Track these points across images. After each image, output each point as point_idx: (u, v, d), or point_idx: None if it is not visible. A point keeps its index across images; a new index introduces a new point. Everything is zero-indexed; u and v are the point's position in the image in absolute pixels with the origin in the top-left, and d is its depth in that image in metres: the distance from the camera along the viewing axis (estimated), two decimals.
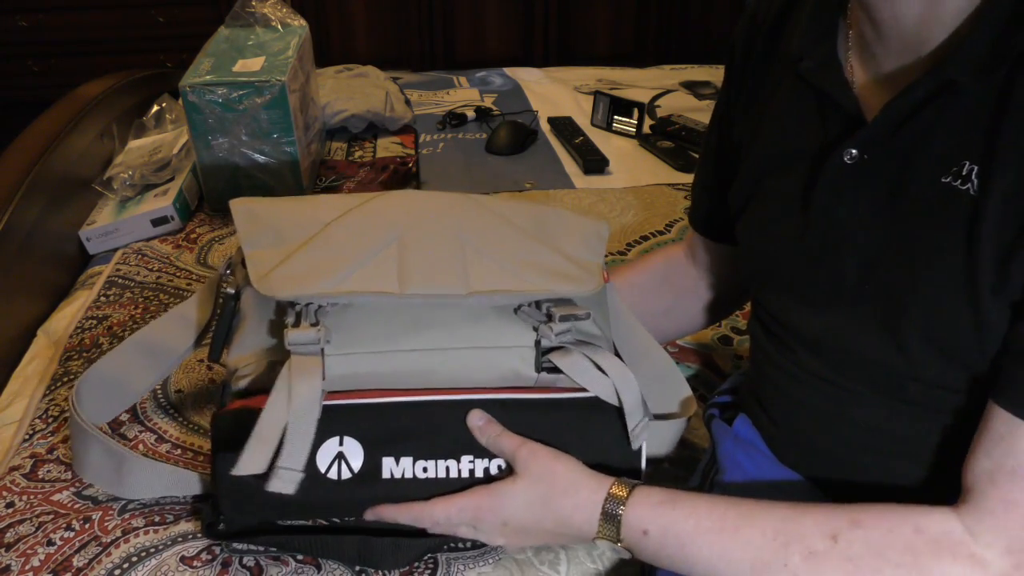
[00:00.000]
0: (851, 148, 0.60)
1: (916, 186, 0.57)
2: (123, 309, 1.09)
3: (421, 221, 0.75)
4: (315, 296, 0.68)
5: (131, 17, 3.05)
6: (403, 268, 0.70)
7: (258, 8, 1.48)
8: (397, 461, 0.67)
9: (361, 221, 0.75)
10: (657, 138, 1.66)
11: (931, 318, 0.56)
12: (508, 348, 0.71)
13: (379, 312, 0.70)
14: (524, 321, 0.72)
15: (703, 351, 1.03)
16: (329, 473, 0.66)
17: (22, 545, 0.74)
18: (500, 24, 3.31)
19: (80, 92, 1.52)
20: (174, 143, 1.43)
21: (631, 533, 0.62)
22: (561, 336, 0.70)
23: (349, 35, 3.25)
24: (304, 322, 0.67)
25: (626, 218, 1.37)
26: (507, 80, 2.04)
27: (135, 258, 1.22)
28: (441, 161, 1.61)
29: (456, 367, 0.70)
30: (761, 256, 0.72)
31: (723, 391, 0.85)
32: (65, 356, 1.00)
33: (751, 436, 0.75)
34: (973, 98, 0.54)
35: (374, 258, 0.71)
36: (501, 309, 0.72)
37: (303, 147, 1.37)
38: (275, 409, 0.65)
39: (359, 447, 0.67)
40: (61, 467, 0.83)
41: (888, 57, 0.60)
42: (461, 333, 0.71)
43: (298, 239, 0.72)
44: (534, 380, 0.71)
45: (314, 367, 0.66)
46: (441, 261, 0.71)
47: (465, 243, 0.73)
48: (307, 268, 0.70)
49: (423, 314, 0.71)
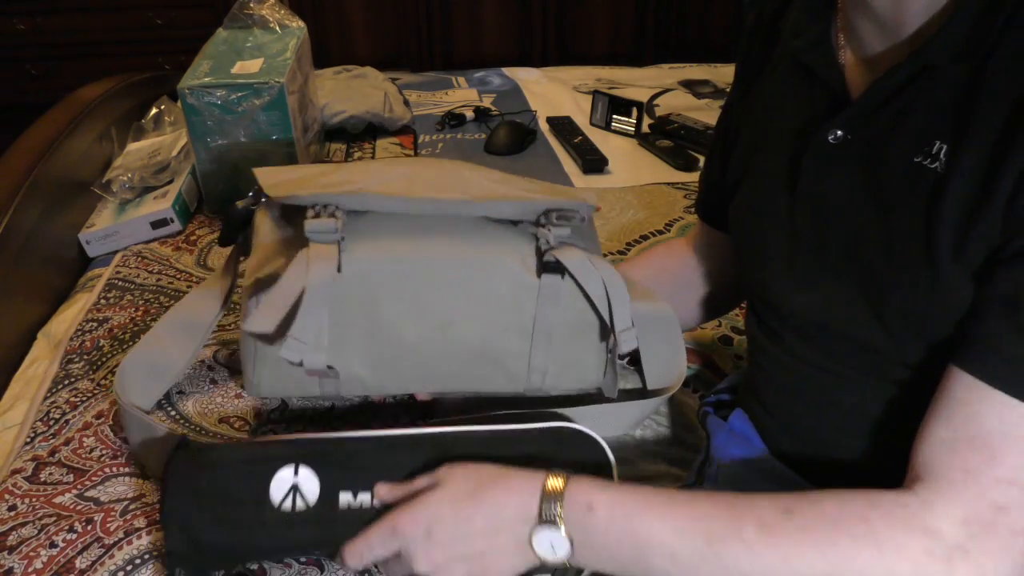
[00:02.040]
0: (836, 128, 0.62)
1: (892, 165, 0.58)
2: (123, 311, 1.09)
3: (427, 165, 0.85)
4: (330, 196, 0.73)
5: (129, 20, 3.05)
6: (412, 185, 0.78)
7: (256, 10, 1.48)
8: (355, 496, 0.65)
9: (374, 163, 0.87)
10: (656, 137, 1.66)
11: (907, 295, 0.57)
12: (511, 253, 0.76)
13: (391, 219, 0.76)
14: (524, 232, 0.78)
15: (703, 351, 1.03)
16: (283, 506, 0.64)
17: (24, 548, 0.74)
18: (498, 24, 3.31)
19: (79, 95, 1.52)
20: (173, 145, 1.43)
21: (575, 509, 0.58)
22: (559, 239, 0.76)
23: (348, 36, 3.25)
24: (323, 216, 0.72)
25: (625, 217, 1.37)
26: (506, 80, 2.04)
27: (135, 260, 1.22)
28: None
29: (461, 269, 0.75)
30: (750, 234, 0.73)
31: (720, 390, 0.86)
32: (66, 359, 1.00)
33: (746, 430, 0.75)
34: (949, 81, 0.55)
35: (386, 181, 0.78)
36: (502, 223, 0.78)
37: (302, 148, 1.37)
38: (292, 279, 0.69)
39: (315, 478, 0.65)
40: (63, 470, 0.83)
41: (871, 39, 0.61)
42: (466, 239, 0.76)
43: (314, 173, 0.80)
44: (536, 287, 0.76)
45: (331, 254, 0.71)
46: (446, 183, 0.79)
47: (468, 179, 0.81)
48: (323, 184, 0.77)
49: (431, 224, 0.76)
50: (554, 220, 0.77)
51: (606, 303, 0.76)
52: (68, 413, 0.90)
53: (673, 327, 0.86)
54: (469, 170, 0.83)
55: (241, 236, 0.85)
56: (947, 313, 0.55)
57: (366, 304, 0.76)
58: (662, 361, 0.86)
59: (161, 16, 3.05)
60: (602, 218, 1.37)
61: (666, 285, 0.90)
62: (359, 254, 0.74)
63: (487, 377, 0.81)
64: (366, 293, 0.75)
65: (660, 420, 0.89)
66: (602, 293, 0.76)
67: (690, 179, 1.51)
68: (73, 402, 0.92)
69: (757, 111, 0.74)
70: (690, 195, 1.44)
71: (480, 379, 0.81)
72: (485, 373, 0.81)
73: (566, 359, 0.81)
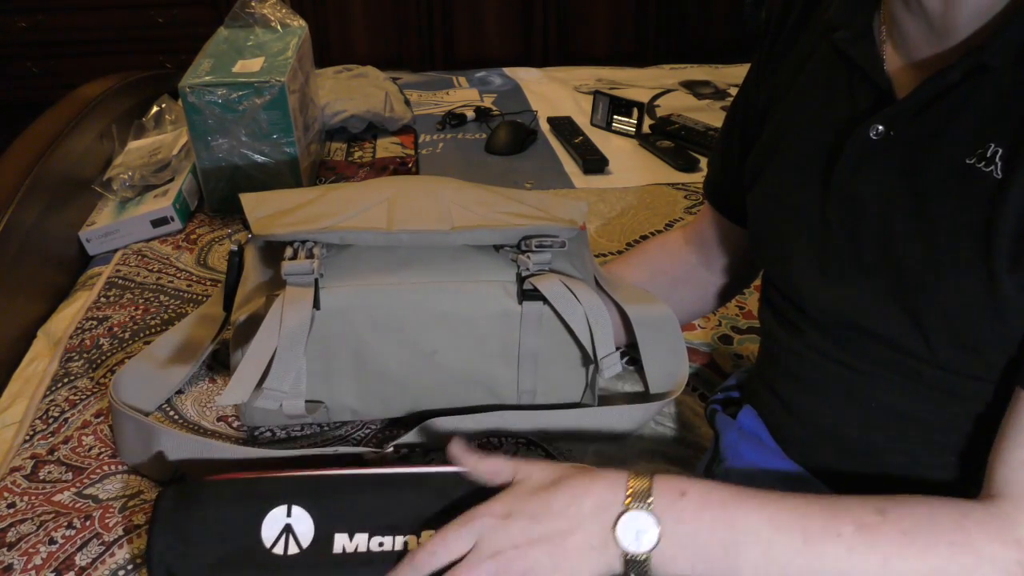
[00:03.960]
0: (878, 124, 0.60)
1: (939, 165, 0.57)
2: (123, 310, 1.09)
3: (409, 188, 0.84)
4: (308, 233, 0.75)
5: (131, 18, 3.05)
6: (392, 215, 0.78)
7: (257, 9, 1.48)
8: (351, 537, 0.61)
9: (355, 188, 0.84)
10: (657, 138, 1.66)
11: (950, 298, 0.56)
12: (491, 282, 0.77)
13: (371, 252, 0.77)
14: (505, 258, 0.78)
15: (704, 350, 1.03)
16: (275, 548, 0.60)
17: (24, 544, 0.74)
18: (499, 24, 3.31)
19: (80, 93, 1.52)
20: (174, 144, 1.43)
21: (666, 494, 0.56)
22: (539, 265, 0.77)
23: (348, 35, 3.25)
24: (300, 255, 0.74)
25: (626, 218, 1.37)
26: (506, 80, 2.04)
27: (135, 259, 1.22)
28: (441, 161, 1.61)
29: (443, 300, 0.76)
30: (773, 225, 0.71)
31: (728, 387, 0.85)
32: (65, 357, 1.00)
33: (756, 428, 0.74)
34: (1004, 84, 0.54)
35: (365, 211, 0.79)
36: (483, 249, 0.79)
37: (303, 148, 1.37)
38: (264, 339, 0.71)
39: (309, 519, 0.61)
40: (62, 468, 0.83)
41: (917, 36, 0.60)
42: (446, 268, 0.77)
43: (298, 202, 0.81)
44: (518, 313, 0.77)
45: (306, 296, 0.72)
46: (427, 210, 0.79)
47: (450, 201, 0.81)
48: (304, 217, 0.78)
49: (411, 255, 0.77)
50: (533, 247, 0.76)
51: (587, 330, 0.76)
52: (67, 411, 0.90)
53: (673, 328, 0.86)
54: (452, 191, 0.82)
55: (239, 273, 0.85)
56: (1000, 323, 0.54)
57: (349, 338, 0.77)
58: (663, 363, 0.86)
59: (162, 14, 3.06)
60: (602, 218, 1.37)
61: (663, 287, 0.90)
62: (339, 290, 0.75)
63: (477, 399, 0.82)
64: (348, 328, 0.76)
65: (659, 419, 0.89)
66: (583, 320, 0.76)
67: (691, 180, 1.51)
68: (72, 400, 0.92)
69: (790, 99, 0.71)
70: (691, 195, 1.44)
71: (469, 400, 0.82)
72: (474, 396, 0.81)
73: (554, 380, 0.82)
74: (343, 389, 0.80)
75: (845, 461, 0.68)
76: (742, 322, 1.07)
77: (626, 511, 0.56)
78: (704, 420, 0.89)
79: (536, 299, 0.76)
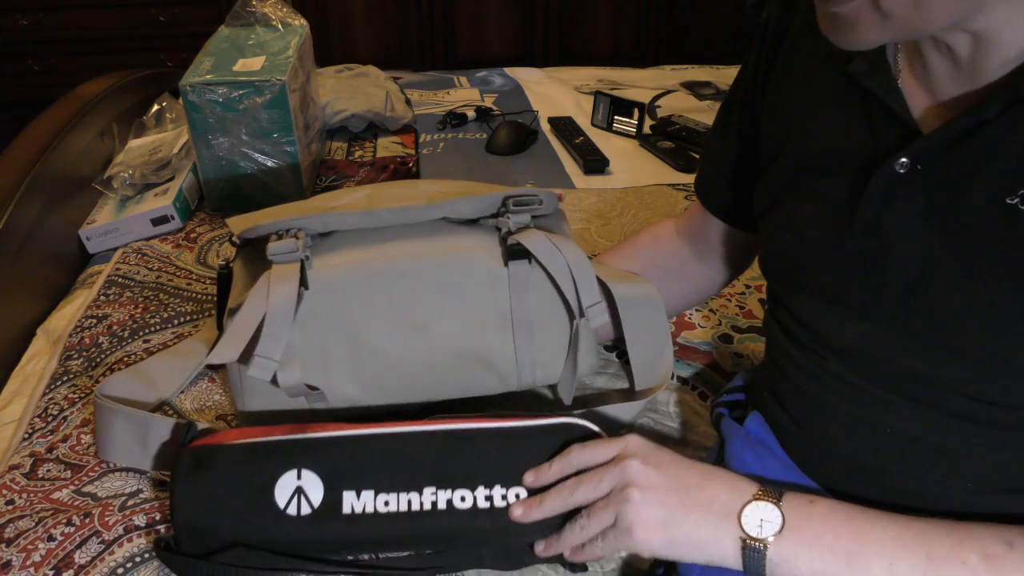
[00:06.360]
0: (903, 157, 0.58)
1: (976, 203, 0.55)
2: (123, 308, 1.09)
3: (388, 185, 0.88)
4: (290, 220, 0.77)
5: (131, 16, 3.05)
6: (372, 203, 0.81)
7: (259, 8, 1.48)
8: (358, 495, 0.66)
9: (337, 191, 0.89)
10: (657, 138, 1.66)
11: (994, 338, 0.54)
12: (475, 248, 0.78)
13: (354, 236, 0.79)
14: (486, 228, 0.81)
15: (704, 349, 1.03)
16: (288, 509, 0.66)
17: (22, 540, 0.74)
18: (501, 24, 3.31)
19: (80, 91, 1.52)
20: (174, 142, 1.43)
21: (796, 498, 0.59)
22: (519, 224, 0.79)
23: (349, 35, 3.25)
24: (285, 238, 0.76)
25: (626, 218, 1.37)
26: (507, 80, 2.04)
27: (135, 257, 1.22)
28: (441, 161, 1.61)
29: (428, 268, 0.77)
30: (793, 258, 0.69)
31: (733, 388, 0.83)
32: (65, 355, 1.00)
33: (763, 435, 0.73)
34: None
35: (346, 203, 0.82)
36: (464, 223, 0.82)
37: (303, 147, 1.37)
38: (253, 304, 0.72)
39: (318, 481, 0.66)
40: (61, 466, 0.83)
41: (943, 73, 0.58)
42: (429, 241, 0.79)
43: (281, 210, 0.84)
44: (505, 276, 0.78)
45: (292, 273, 0.74)
46: (405, 195, 0.83)
47: (428, 188, 0.85)
48: (285, 213, 0.81)
49: (394, 233, 0.80)
50: (511, 207, 0.79)
51: (570, 280, 0.77)
52: (66, 409, 0.90)
53: (657, 308, 0.86)
54: (427, 183, 0.86)
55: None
56: None
57: (341, 318, 0.77)
58: (648, 344, 0.86)
59: (163, 13, 3.05)
60: (602, 218, 1.37)
61: (655, 279, 0.89)
62: (326, 269, 0.76)
63: (479, 379, 0.81)
64: (338, 307, 0.76)
65: (659, 418, 0.89)
66: (566, 270, 0.77)
67: (691, 180, 1.50)
68: (71, 398, 0.92)
69: (804, 129, 0.68)
70: (691, 196, 1.44)
71: (472, 381, 0.81)
72: (475, 375, 0.80)
73: (553, 348, 0.81)
74: (341, 375, 0.79)
75: (856, 481, 0.66)
76: (742, 321, 1.07)
77: (755, 500, 0.59)
78: (705, 419, 0.89)
79: (520, 258, 0.78)
